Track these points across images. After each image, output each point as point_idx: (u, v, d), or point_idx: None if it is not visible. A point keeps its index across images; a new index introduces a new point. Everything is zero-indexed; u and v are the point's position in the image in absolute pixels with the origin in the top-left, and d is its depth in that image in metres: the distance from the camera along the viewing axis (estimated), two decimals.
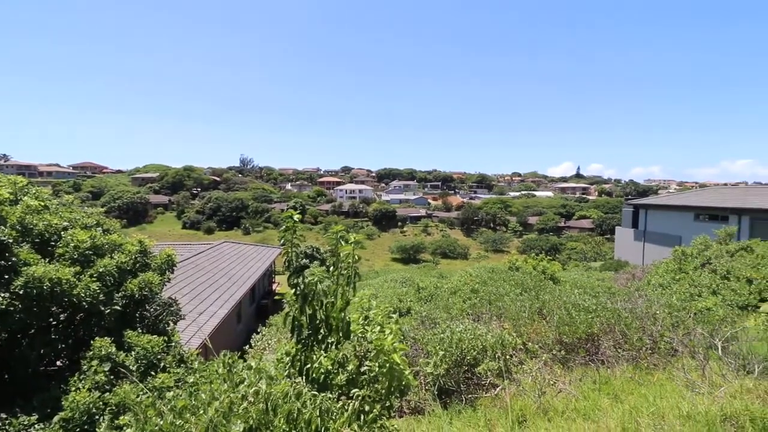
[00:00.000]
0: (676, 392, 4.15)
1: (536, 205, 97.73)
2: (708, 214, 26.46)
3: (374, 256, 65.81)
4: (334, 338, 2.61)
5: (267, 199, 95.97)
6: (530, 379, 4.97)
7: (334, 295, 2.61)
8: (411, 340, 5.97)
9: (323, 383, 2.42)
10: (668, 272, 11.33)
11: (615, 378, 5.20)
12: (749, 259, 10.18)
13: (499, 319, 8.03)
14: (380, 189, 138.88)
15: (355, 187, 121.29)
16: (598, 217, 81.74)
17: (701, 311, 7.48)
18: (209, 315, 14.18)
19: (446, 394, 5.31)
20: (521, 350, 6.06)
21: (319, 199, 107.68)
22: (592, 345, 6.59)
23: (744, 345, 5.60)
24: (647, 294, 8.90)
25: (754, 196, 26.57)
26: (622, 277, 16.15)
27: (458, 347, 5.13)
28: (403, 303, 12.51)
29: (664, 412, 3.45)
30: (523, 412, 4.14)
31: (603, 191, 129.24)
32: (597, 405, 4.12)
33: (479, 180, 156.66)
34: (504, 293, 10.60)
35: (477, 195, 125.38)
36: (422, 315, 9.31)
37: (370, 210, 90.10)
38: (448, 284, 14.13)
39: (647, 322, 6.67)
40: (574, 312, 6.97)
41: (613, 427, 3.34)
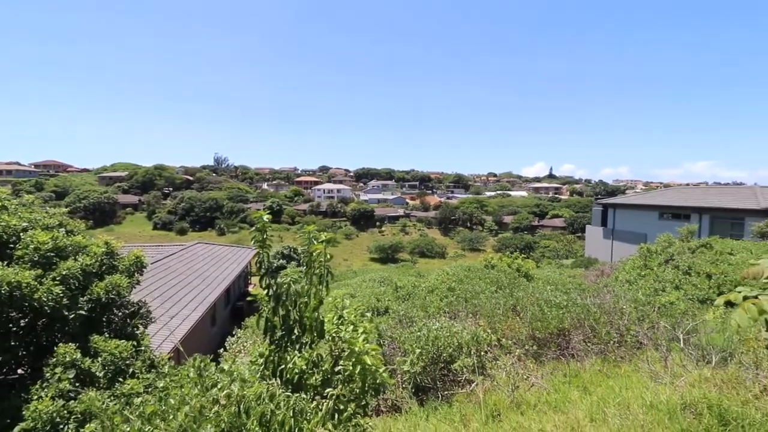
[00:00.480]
0: (641, 383, 4.33)
1: (511, 204, 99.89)
2: (671, 213, 27.78)
3: (352, 256, 65.58)
4: (308, 338, 2.59)
5: (242, 199, 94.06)
6: (504, 374, 5.08)
7: (308, 295, 2.59)
8: (388, 338, 6.00)
9: (298, 384, 2.40)
10: (635, 269, 11.82)
11: (584, 371, 5.38)
12: (709, 255, 10.75)
13: (475, 316, 8.17)
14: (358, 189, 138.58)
15: (333, 187, 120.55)
16: (569, 216, 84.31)
17: (665, 305, 7.83)
18: (182, 318, 13.78)
19: (423, 391, 5.36)
20: (496, 346, 6.19)
21: (297, 198, 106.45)
22: (564, 339, 6.80)
23: (703, 337, 5.90)
24: (615, 290, 9.25)
25: (714, 195, 28.08)
26: (592, 274, 16.73)
27: (434, 345, 5.19)
28: (381, 302, 12.54)
29: (630, 402, 3.60)
30: (497, 407, 4.23)
31: (574, 191, 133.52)
32: (567, 397, 4.25)
33: (456, 180, 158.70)
34: (480, 291, 10.79)
35: (454, 195, 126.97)
36: (400, 314, 9.36)
37: (349, 210, 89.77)
38: (426, 283, 14.25)
39: (615, 316, 6.93)
40: (546, 308, 7.18)
41: (582, 418, 3.46)
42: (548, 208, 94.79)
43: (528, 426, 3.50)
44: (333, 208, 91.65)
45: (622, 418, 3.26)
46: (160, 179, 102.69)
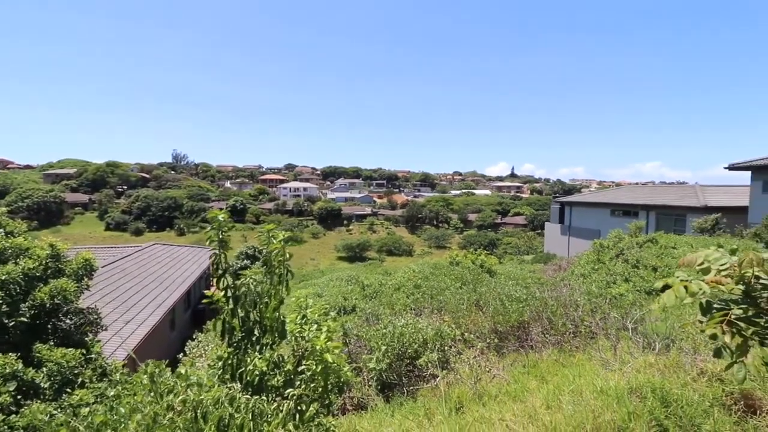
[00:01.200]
0: (593, 370, 4.58)
1: (475, 202, 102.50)
2: (622, 210, 29.56)
3: (320, 255, 64.89)
4: (269, 339, 2.54)
5: (204, 198, 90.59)
6: (467, 368, 5.23)
7: (268, 295, 2.54)
8: (354, 337, 6.00)
9: (258, 386, 2.36)
10: (589, 263, 12.50)
11: (542, 361, 5.62)
12: (654, 249, 11.54)
13: (440, 312, 8.34)
14: (325, 187, 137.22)
15: (300, 185, 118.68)
16: (530, 213, 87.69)
17: (615, 297, 8.32)
18: (138, 323, 13.11)
19: (389, 387, 5.41)
20: (460, 341, 6.35)
21: (262, 197, 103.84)
22: (523, 332, 7.08)
23: (649, 325, 6.31)
24: (571, 283, 9.73)
25: (660, 194, 30.16)
26: (551, 269, 17.51)
27: (400, 341, 5.25)
28: (348, 301, 12.51)
29: (582, 389, 3.81)
30: (461, 399, 4.34)
31: (534, 190, 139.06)
32: (526, 387, 4.43)
33: (423, 179, 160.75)
34: (445, 287, 11.02)
35: (421, 193, 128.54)
36: (367, 312, 9.38)
37: (316, 208, 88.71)
38: (393, 281, 14.37)
39: (570, 308, 7.29)
40: (507, 302, 7.44)
41: (539, 406, 3.62)
42: (510, 206, 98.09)
43: (489, 416, 3.61)
44: (300, 207, 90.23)
45: (575, 404, 3.44)
46: (113, 177, 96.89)
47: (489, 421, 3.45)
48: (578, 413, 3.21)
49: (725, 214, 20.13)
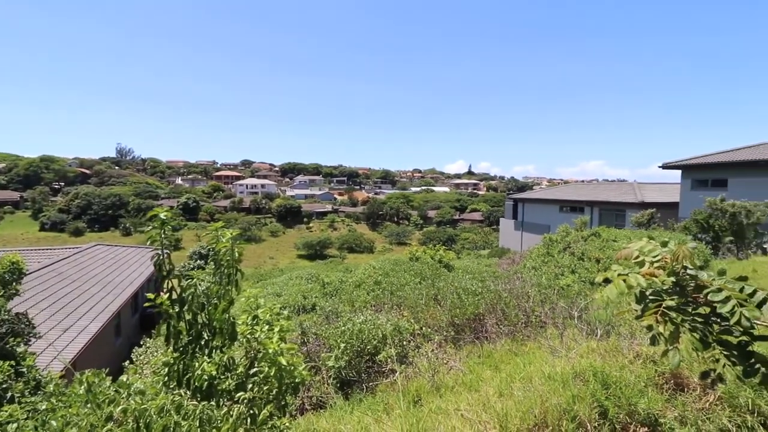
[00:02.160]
0: (542, 358, 4.83)
1: (435, 199, 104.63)
2: (569, 206, 31.35)
3: (279, 254, 63.43)
4: (219, 342, 2.44)
5: (152, 195, 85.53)
6: (425, 361, 5.33)
7: (217, 296, 2.43)
8: (313, 336, 5.92)
9: (208, 391, 2.25)
10: (539, 256, 13.15)
11: (496, 351, 5.84)
12: (597, 242, 12.35)
13: (399, 307, 8.43)
14: (284, 184, 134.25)
15: (257, 182, 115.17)
16: (486, 210, 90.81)
17: (563, 288, 8.81)
18: (78, 331, 12.16)
19: (348, 385, 5.40)
20: (419, 335, 6.46)
21: (216, 194, 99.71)
22: (479, 324, 7.32)
23: (592, 313, 6.75)
24: (523, 276, 10.19)
25: (602, 191, 32.29)
26: (505, 262, 18.25)
27: (359, 338, 5.25)
28: (308, 299, 12.33)
29: (532, 376, 4.00)
30: (419, 392, 4.42)
31: (490, 187, 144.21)
32: (480, 377, 4.59)
33: (383, 176, 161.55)
34: (405, 283, 11.14)
35: (381, 190, 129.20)
36: (327, 310, 9.30)
37: (274, 206, 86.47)
38: (353, 278, 14.33)
39: (522, 300, 7.63)
40: (464, 296, 7.66)
41: (492, 394, 3.76)
42: (468, 202, 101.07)
43: (445, 407, 3.70)
44: (257, 204, 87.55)
45: (525, 391, 3.61)
46: (48, 173, 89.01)
47: (445, 412, 3.53)
48: (528, 399, 3.36)
49: (659, 210, 21.93)
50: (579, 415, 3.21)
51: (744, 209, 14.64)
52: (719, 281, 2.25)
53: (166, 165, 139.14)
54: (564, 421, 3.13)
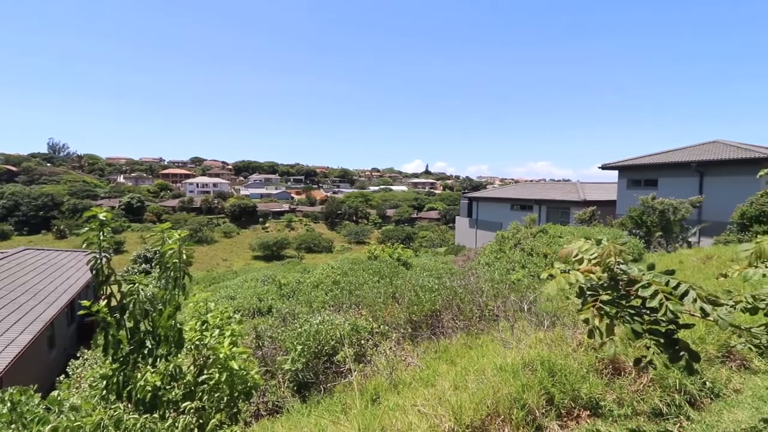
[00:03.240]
0: (495, 350, 5.02)
1: (393, 198, 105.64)
2: (519, 204, 32.90)
3: (233, 255, 61.13)
4: (164, 350, 2.30)
5: (90, 194, 79.21)
6: (383, 359, 5.36)
7: (162, 302, 2.29)
8: (268, 339, 5.76)
9: (152, 402, 2.12)
10: (492, 252, 13.69)
11: (452, 346, 6.00)
12: (545, 239, 13.06)
13: (358, 306, 8.43)
14: (238, 183, 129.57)
15: (209, 181, 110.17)
16: (443, 208, 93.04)
17: (514, 282, 9.22)
18: (4, 344, 11.01)
19: (306, 387, 5.31)
20: (377, 333, 6.49)
21: (164, 193, 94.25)
22: (436, 320, 7.49)
23: (541, 305, 7.11)
24: (477, 272, 10.55)
25: (549, 190, 34.19)
26: (460, 259, 18.80)
27: (316, 339, 5.18)
28: (263, 302, 11.99)
29: (485, 368, 4.14)
30: (377, 390, 4.44)
31: (446, 186, 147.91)
32: (437, 371, 4.69)
33: (342, 175, 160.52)
34: (363, 282, 11.16)
35: (340, 189, 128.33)
36: (283, 312, 9.09)
37: (227, 205, 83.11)
38: (311, 278, 14.12)
39: (477, 295, 7.89)
40: (421, 293, 7.80)
41: (448, 388, 3.85)
42: (425, 201, 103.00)
43: (403, 404, 3.75)
44: (209, 204, 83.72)
45: (479, 383, 3.74)
46: None
47: (402, 409, 3.57)
48: (481, 390, 3.49)
49: (600, 207, 23.58)
50: (528, 403, 3.38)
51: (671, 206, 16.12)
52: (648, 276, 2.45)
53: (107, 162, 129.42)
54: (514, 409, 3.28)
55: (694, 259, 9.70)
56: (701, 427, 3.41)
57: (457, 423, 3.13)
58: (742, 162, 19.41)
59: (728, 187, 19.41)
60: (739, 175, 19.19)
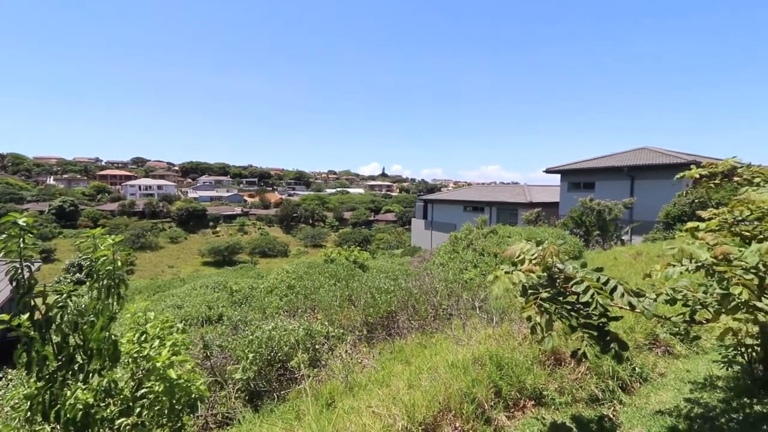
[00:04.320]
0: (448, 347, 5.16)
1: (350, 201, 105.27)
2: (472, 206, 34.11)
3: (180, 262, 57.90)
4: (97, 364, 2.13)
5: (15, 198, 71.61)
6: (339, 362, 5.33)
7: (94, 313, 2.12)
8: (217, 348, 5.52)
9: (83, 422, 1.95)
10: (446, 253, 14.07)
11: (407, 345, 6.08)
12: (495, 239, 13.64)
13: (314, 311, 8.31)
14: (186, 185, 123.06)
15: (153, 183, 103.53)
16: (399, 210, 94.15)
17: (466, 281, 9.53)
18: None
19: (259, 396, 5.15)
20: (333, 337, 6.44)
21: (101, 196, 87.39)
22: (392, 321, 7.56)
23: (491, 303, 7.41)
24: (432, 272, 10.79)
25: (499, 192, 35.76)
26: (416, 260, 19.13)
27: (269, 346, 5.04)
28: (213, 310, 11.46)
29: (438, 365, 4.25)
30: (332, 394, 4.40)
31: (403, 188, 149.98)
32: (392, 372, 4.73)
33: (297, 177, 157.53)
34: (319, 286, 11.01)
35: (296, 192, 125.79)
36: (235, 319, 8.75)
37: (174, 209, 78.57)
38: (265, 283, 13.71)
39: (431, 295, 8.07)
40: (377, 295, 7.84)
41: (402, 387, 3.91)
42: (382, 204, 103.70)
43: (358, 406, 3.74)
44: (153, 208, 78.65)
45: (432, 380, 3.83)
46: None
47: (357, 411, 3.57)
48: (433, 387, 3.57)
49: (545, 208, 25.02)
50: (478, 396, 3.51)
51: (607, 208, 17.47)
52: (581, 273, 2.65)
53: (34, 162, 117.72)
54: (465, 403, 3.40)
55: (627, 255, 10.57)
56: (631, 410, 3.73)
57: (410, 421, 3.19)
58: (666, 167, 21.46)
59: (655, 190, 21.38)
60: (664, 178, 21.21)
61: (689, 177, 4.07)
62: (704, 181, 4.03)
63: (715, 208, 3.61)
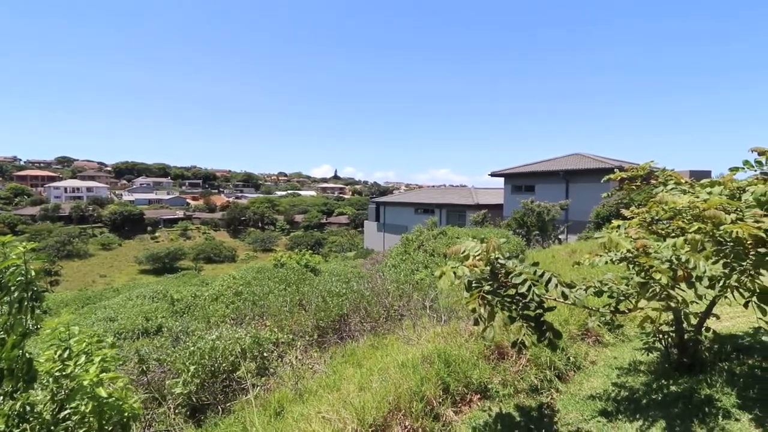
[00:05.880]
0: (398, 348, 5.22)
1: (301, 203, 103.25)
2: (423, 208, 34.89)
3: (114, 270, 53.48)
4: (9, 386, 1.89)
5: None
6: (289, 369, 5.20)
7: (5, 329, 1.89)
8: (155, 362, 5.16)
9: None
10: (398, 255, 14.26)
11: (359, 348, 6.07)
12: (444, 240, 14.04)
13: (262, 317, 8.04)
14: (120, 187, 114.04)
15: (81, 184, 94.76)
16: (352, 213, 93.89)
17: (417, 282, 9.71)
18: None
19: (202, 410, 4.88)
20: (283, 343, 6.26)
21: (19, 200, 78.45)
22: (344, 324, 7.51)
23: (441, 302, 7.60)
24: (384, 274, 10.88)
25: (448, 195, 36.89)
26: (369, 263, 19.18)
27: (212, 357, 4.80)
28: (151, 321, 10.70)
29: (389, 366, 4.29)
30: (281, 403, 4.28)
31: (355, 191, 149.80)
32: (343, 375, 4.70)
33: (246, 179, 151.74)
34: (269, 291, 10.67)
35: (244, 194, 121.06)
36: (176, 331, 8.23)
37: (106, 213, 72.40)
38: (210, 291, 13.04)
39: (383, 296, 8.13)
40: (328, 298, 7.75)
41: (353, 390, 3.89)
42: (334, 206, 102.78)
43: (307, 413, 3.67)
44: (81, 212, 71.95)
45: (382, 381, 3.85)
46: None
47: (307, 418, 3.50)
48: (383, 388, 3.60)
49: (491, 210, 26.21)
50: (426, 394, 3.59)
51: (546, 209, 18.67)
52: (520, 267, 2.82)
53: None
54: (414, 402, 3.46)
55: (563, 253, 11.35)
56: (567, 397, 4.00)
57: (360, 424, 3.18)
58: (596, 171, 23.36)
59: (587, 192, 23.19)
60: (594, 182, 23.07)
61: (614, 180, 4.47)
62: (626, 183, 4.44)
63: (637, 208, 4.00)
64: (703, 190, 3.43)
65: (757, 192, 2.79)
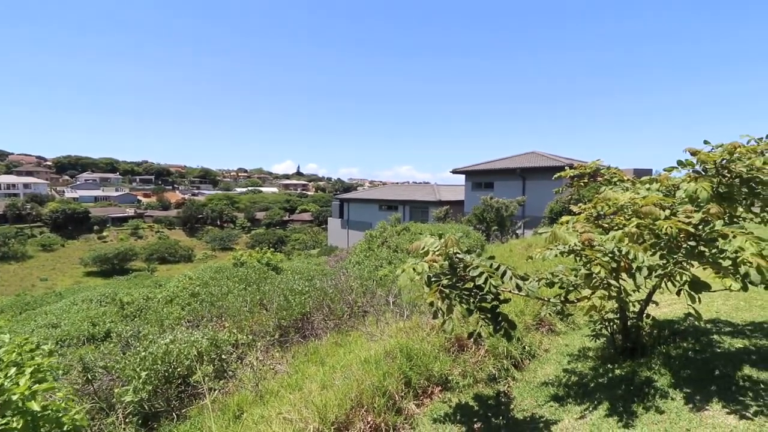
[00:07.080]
0: (362, 344, 5.23)
1: (263, 200, 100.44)
2: (386, 204, 35.08)
3: (56, 273, 49.62)
4: None
5: None
6: (249, 371, 5.06)
7: None
8: (101, 370, 4.85)
9: None
10: (362, 251, 14.25)
11: (322, 346, 6.02)
12: (408, 236, 14.20)
13: (221, 318, 7.77)
14: (62, 183, 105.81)
15: (17, 180, 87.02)
16: (315, 210, 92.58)
17: (381, 278, 9.75)
18: None
19: (155, 418, 4.65)
20: (243, 345, 6.09)
21: None
22: (306, 322, 7.41)
23: (403, 298, 7.69)
24: (347, 270, 10.84)
25: (412, 191, 37.32)
26: (333, 260, 19.04)
27: (165, 361, 4.58)
28: (98, 327, 10.05)
29: (351, 363, 4.28)
30: (240, 406, 4.16)
31: (318, 187, 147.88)
32: (306, 374, 4.64)
33: (203, 175, 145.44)
34: (228, 291, 10.33)
35: (201, 191, 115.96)
36: (126, 335, 7.77)
37: (47, 211, 66.89)
38: (164, 293, 12.42)
39: (346, 293, 8.10)
40: (291, 296, 7.61)
41: (315, 388, 3.86)
42: (297, 203, 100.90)
43: (268, 414, 3.60)
44: (18, 210, 66.04)
45: (345, 378, 3.85)
46: None
47: (267, 420, 3.43)
48: (346, 385, 3.59)
49: (452, 206, 26.77)
50: (389, 389, 3.62)
51: (504, 205, 19.35)
52: (477, 261, 2.90)
53: None
54: (376, 397, 3.48)
55: (520, 247, 11.82)
56: (522, 384, 4.18)
57: (323, 422, 3.16)
58: (550, 169, 24.49)
59: (542, 189, 24.26)
60: (548, 179, 24.18)
61: (564, 177, 4.70)
62: (576, 180, 4.69)
63: (585, 204, 4.23)
64: (642, 187, 3.68)
65: (688, 189, 3.03)
